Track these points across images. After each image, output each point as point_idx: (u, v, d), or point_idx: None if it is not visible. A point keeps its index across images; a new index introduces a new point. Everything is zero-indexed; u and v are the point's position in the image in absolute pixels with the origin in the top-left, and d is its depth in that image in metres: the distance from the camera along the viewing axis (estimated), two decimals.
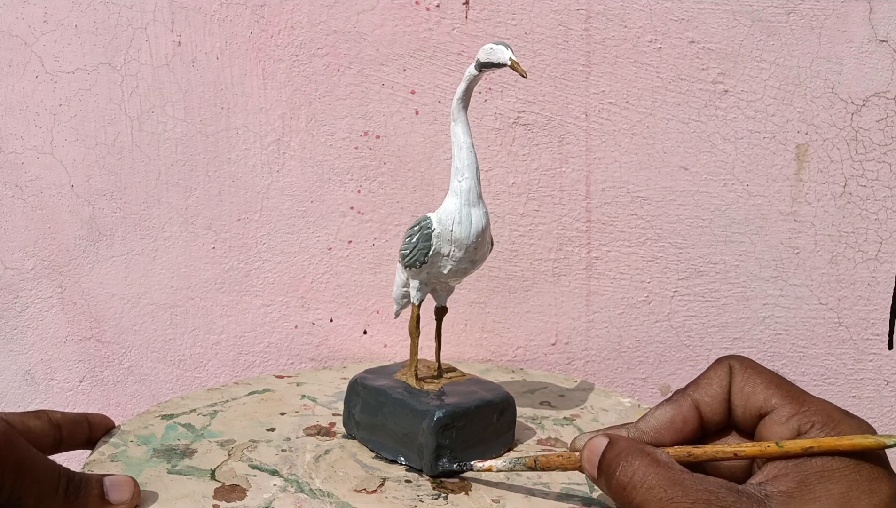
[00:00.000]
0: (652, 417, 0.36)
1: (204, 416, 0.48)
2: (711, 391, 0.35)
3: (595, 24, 0.60)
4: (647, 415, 0.36)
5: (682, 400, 0.35)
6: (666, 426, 0.35)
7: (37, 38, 0.63)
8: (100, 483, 0.36)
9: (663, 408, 0.35)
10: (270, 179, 0.64)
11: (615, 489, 0.32)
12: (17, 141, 0.65)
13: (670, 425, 0.35)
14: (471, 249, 0.42)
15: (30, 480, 0.33)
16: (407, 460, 0.42)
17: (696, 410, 0.35)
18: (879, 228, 0.61)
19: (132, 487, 0.37)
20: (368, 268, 0.65)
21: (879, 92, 0.59)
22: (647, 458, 0.32)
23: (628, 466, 0.32)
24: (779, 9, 0.59)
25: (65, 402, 0.69)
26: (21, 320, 0.68)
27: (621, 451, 0.32)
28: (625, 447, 0.33)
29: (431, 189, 0.63)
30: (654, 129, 0.61)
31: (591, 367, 0.65)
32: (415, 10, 0.60)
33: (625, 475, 0.32)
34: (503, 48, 0.39)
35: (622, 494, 0.32)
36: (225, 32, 0.62)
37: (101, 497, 0.36)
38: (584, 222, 0.63)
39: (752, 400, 0.33)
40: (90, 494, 0.35)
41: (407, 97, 0.62)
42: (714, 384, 0.35)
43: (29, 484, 0.33)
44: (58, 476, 0.35)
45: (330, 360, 0.67)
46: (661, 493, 0.30)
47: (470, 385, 0.45)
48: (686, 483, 0.31)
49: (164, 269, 0.66)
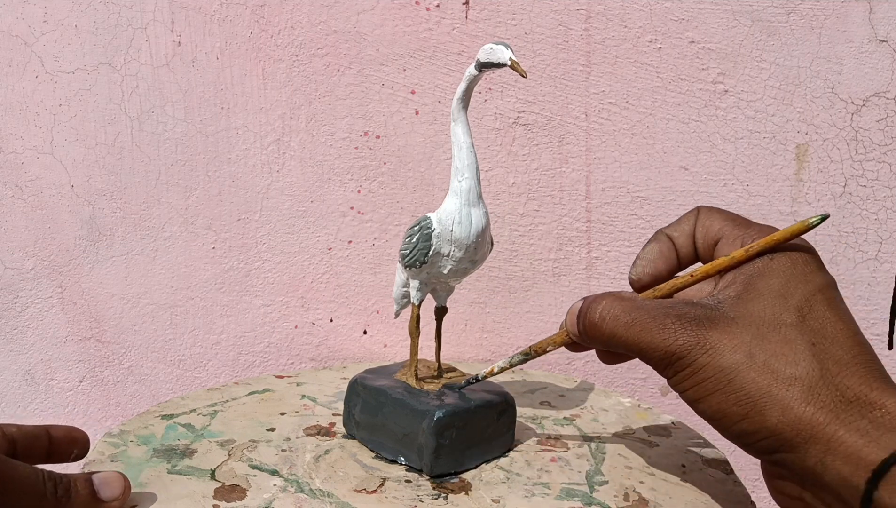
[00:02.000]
0: (642, 257, 0.39)
1: (204, 416, 0.48)
2: (681, 229, 0.38)
3: (595, 24, 0.60)
4: (638, 257, 0.39)
5: (660, 237, 0.39)
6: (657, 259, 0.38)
7: (37, 38, 0.63)
8: (88, 481, 0.35)
9: (648, 246, 0.39)
10: (270, 179, 0.64)
11: (589, 328, 0.37)
12: (17, 141, 0.65)
13: (660, 257, 0.38)
14: (471, 249, 0.42)
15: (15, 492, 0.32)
16: (407, 460, 0.42)
17: (672, 244, 0.38)
18: (879, 228, 0.61)
19: (122, 483, 0.36)
20: (368, 268, 0.65)
21: (879, 92, 0.59)
22: (611, 296, 0.37)
23: (597, 305, 0.36)
24: (779, 9, 0.59)
25: (65, 402, 0.69)
26: (21, 320, 0.68)
27: (591, 300, 0.37)
28: (594, 295, 0.37)
29: (431, 189, 0.63)
30: (654, 129, 0.61)
31: (591, 367, 0.65)
32: (415, 10, 0.60)
33: (594, 313, 0.36)
34: (503, 48, 0.39)
35: (595, 331, 0.36)
36: (225, 32, 0.62)
37: (93, 496, 0.35)
38: (584, 222, 0.63)
39: (710, 232, 0.37)
40: (80, 494, 0.34)
41: (407, 97, 0.62)
42: (684, 223, 0.39)
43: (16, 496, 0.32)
44: (42, 481, 0.33)
45: (330, 360, 0.67)
46: (625, 318, 0.35)
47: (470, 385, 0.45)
48: (647, 306, 0.35)
49: (164, 269, 0.66)
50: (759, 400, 0.31)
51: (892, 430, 0.29)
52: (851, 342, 0.32)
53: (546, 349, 0.41)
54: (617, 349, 0.37)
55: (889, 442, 0.29)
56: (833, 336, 0.32)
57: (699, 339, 0.33)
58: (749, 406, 0.32)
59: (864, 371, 0.31)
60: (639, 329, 0.34)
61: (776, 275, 0.34)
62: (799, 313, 0.33)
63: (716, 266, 0.36)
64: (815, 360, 0.32)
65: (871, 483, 0.29)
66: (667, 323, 0.34)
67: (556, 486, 0.41)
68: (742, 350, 0.32)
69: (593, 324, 0.36)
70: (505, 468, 0.43)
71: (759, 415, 0.32)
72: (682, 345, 0.33)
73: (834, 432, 0.30)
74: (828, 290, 0.34)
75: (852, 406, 0.30)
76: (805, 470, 0.31)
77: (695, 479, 0.43)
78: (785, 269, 0.34)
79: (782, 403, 0.31)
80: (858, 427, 0.30)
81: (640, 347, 0.35)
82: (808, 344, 0.32)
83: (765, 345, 0.32)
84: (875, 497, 0.29)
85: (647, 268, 0.38)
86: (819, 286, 0.34)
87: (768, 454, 0.33)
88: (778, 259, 0.34)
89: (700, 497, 0.41)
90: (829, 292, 0.34)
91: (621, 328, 0.35)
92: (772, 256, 0.35)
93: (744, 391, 0.32)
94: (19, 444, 0.39)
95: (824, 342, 0.32)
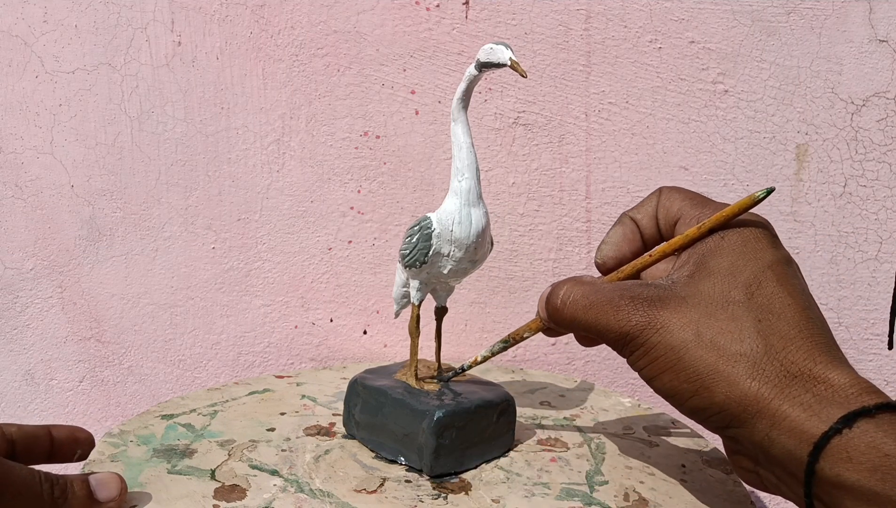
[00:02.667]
0: (607, 241, 0.40)
1: (204, 416, 0.48)
2: (644, 211, 0.39)
3: (595, 24, 0.60)
4: (602, 240, 0.40)
5: (624, 220, 0.40)
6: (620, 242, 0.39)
7: (37, 38, 0.63)
8: (85, 482, 0.35)
9: (612, 230, 0.40)
10: (270, 179, 0.64)
11: (552, 313, 0.38)
12: (17, 141, 0.65)
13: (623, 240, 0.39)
14: (471, 249, 0.42)
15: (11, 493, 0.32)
16: (407, 460, 0.42)
17: (636, 226, 0.39)
18: (879, 228, 0.61)
19: (119, 483, 0.36)
20: (368, 268, 0.65)
21: (879, 92, 0.59)
22: (572, 281, 0.38)
23: (558, 290, 0.38)
24: (779, 9, 0.59)
25: (65, 402, 0.69)
26: (21, 320, 0.68)
27: (555, 285, 0.38)
28: (558, 282, 0.38)
29: (431, 189, 0.63)
30: (654, 129, 0.61)
31: (591, 367, 0.65)
32: (415, 10, 0.60)
33: (555, 297, 0.38)
34: (503, 48, 0.39)
35: (558, 315, 0.37)
36: (225, 32, 0.62)
37: (89, 497, 0.35)
38: (584, 222, 0.63)
39: (670, 212, 0.38)
40: (77, 495, 0.34)
41: (407, 97, 0.62)
42: (646, 204, 0.39)
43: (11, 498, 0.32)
44: (39, 482, 0.33)
45: (330, 360, 0.67)
46: (584, 301, 0.36)
47: (470, 385, 0.45)
48: (605, 288, 0.36)
49: (164, 269, 0.66)
50: (707, 377, 0.32)
51: (833, 403, 0.30)
52: (799, 316, 0.33)
53: (523, 336, 0.42)
54: (579, 331, 0.38)
55: (830, 415, 0.29)
56: (780, 312, 0.33)
57: (651, 319, 0.34)
58: (698, 383, 0.32)
59: (809, 346, 0.32)
60: (596, 312, 0.35)
61: (727, 253, 0.34)
62: (747, 291, 0.33)
63: (672, 245, 0.37)
64: (760, 336, 0.32)
65: (812, 455, 0.29)
66: (621, 305, 0.35)
67: (556, 486, 0.41)
68: (690, 329, 0.33)
69: (555, 308, 0.38)
70: (505, 468, 0.43)
71: (707, 391, 0.32)
72: (635, 325, 0.34)
73: (778, 406, 0.31)
74: (778, 266, 0.34)
75: (796, 381, 0.31)
76: (754, 445, 0.32)
77: (695, 479, 0.43)
78: (735, 247, 0.34)
79: (728, 379, 0.32)
80: (802, 402, 0.30)
81: (598, 328, 0.36)
82: (755, 321, 0.32)
83: (712, 323, 0.33)
84: (817, 468, 0.29)
85: (611, 251, 0.39)
86: (769, 263, 0.34)
87: (722, 429, 0.33)
88: (729, 238, 0.35)
89: (700, 497, 0.41)
90: (779, 268, 0.34)
91: (580, 312, 0.36)
92: (723, 234, 0.35)
93: (692, 368, 0.32)
94: (19, 444, 0.39)
95: (771, 317, 0.33)
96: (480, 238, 0.42)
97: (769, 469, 0.33)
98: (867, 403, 0.29)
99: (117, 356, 0.68)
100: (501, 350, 0.43)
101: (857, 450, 0.28)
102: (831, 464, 0.29)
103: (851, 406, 0.29)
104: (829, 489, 0.29)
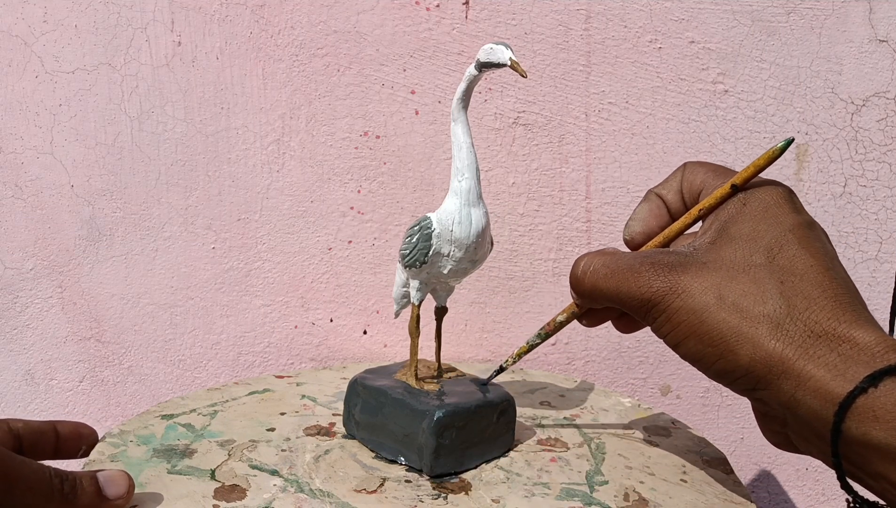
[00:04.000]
0: (634, 217, 0.40)
1: (204, 416, 0.48)
2: (669, 186, 0.40)
3: (595, 24, 0.60)
4: (630, 218, 0.40)
5: (650, 196, 0.40)
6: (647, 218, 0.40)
7: (37, 38, 0.63)
8: (94, 479, 0.35)
9: (639, 207, 0.40)
10: (270, 179, 0.64)
11: (574, 284, 0.38)
12: (17, 141, 0.65)
13: (650, 215, 0.39)
14: (471, 249, 0.42)
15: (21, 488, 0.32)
16: (407, 460, 0.42)
17: (662, 201, 0.40)
18: (879, 228, 0.61)
19: (127, 481, 0.36)
20: (368, 268, 0.65)
21: (879, 92, 0.59)
22: (594, 252, 0.38)
23: (580, 261, 0.38)
24: (779, 9, 0.59)
25: (65, 402, 0.69)
26: (21, 320, 0.68)
27: (578, 258, 0.39)
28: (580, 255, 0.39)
29: (431, 189, 0.63)
30: (654, 129, 0.61)
31: (591, 367, 0.65)
32: (415, 10, 0.60)
33: (577, 267, 0.38)
34: (503, 48, 0.39)
35: (580, 286, 0.38)
36: (225, 32, 0.62)
37: (98, 494, 0.35)
38: (584, 222, 0.63)
39: (694, 185, 0.38)
40: (86, 492, 0.35)
41: (407, 97, 0.62)
42: (671, 180, 0.40)
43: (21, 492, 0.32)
44: (50, 478, 0.34)
45: (330, 360, 0.67)
46: (604, 270, 0.37)
47: (470, 385, 0.45)
48: (625, 256, 0.37)
49: (164, 269, 0.66)
50: (731, 339, 0.32)
51: (859, 363, 0.30)
52: (822, 277, 0.32)
53: (558, 321, 0.42)
54: (601, 302, 0.38)
55: (855, 374, 0.29)
56: (802, 273, 0.33)
57: (672, 284, 0.34)
58: (722, 346, 0.32)
59: (833, 305, 0.32)
60: (617, 280, 0.36)
61: (748, 219, 0.35)
62: (769, 254, 0.33)
63: (694, 215, 0.37)
64: (783, 297, 0.32)
65: (838, 415, 0.29)
66: (641, 271, 0.35)
67: (556, 486, 0.41)
68: (712, 292, 0.33)
69: (577, 278, 0.38)
70: (505, 468, 0.43)
71: (731, 354, 0.32)
72: (657, 291, 0.34)
73: (803, 367, 0.31)
74: (799, 229, 0.34)
75: (821, 341, 0.31)
76: (781, 406, 0.32)
77: (695, 479, 0.43)
78: (757, 213, 0.35)
79: (752, 340, 0.32)
80: (826, 361, 0.30)
81: (619, 296, 0.36)
82: (777, 282, 0.33)
83: (734, 285, 0.33)
84: (843, 428, 0.29)
85: (639, 226, 0.40)
86: (790, 226, 0.34)
87: (749, 391, 0.33)
88: (750, 204, 0.35)
89: (700, 497, 0.41)
90: (800, 232, 0.34)
91: (601, 280, 0.37)
92: (745, 201, 0.35)
93: (716, 331, 0.33)
94: (25, 440, 0.40)
95: (793, 278, 0.33)
96: (480, 238, 0.42)
97: (797, 430, 0.33)
98: (893, 361, 0.29)
99: (117, 356, 0.68)
100: (538, 343, 0.43)
101: (884, 409, 0.28)
102: (857, 424, 0.29)
103: (877, 365, 0.29)
104: (857, 448, 0.29)
